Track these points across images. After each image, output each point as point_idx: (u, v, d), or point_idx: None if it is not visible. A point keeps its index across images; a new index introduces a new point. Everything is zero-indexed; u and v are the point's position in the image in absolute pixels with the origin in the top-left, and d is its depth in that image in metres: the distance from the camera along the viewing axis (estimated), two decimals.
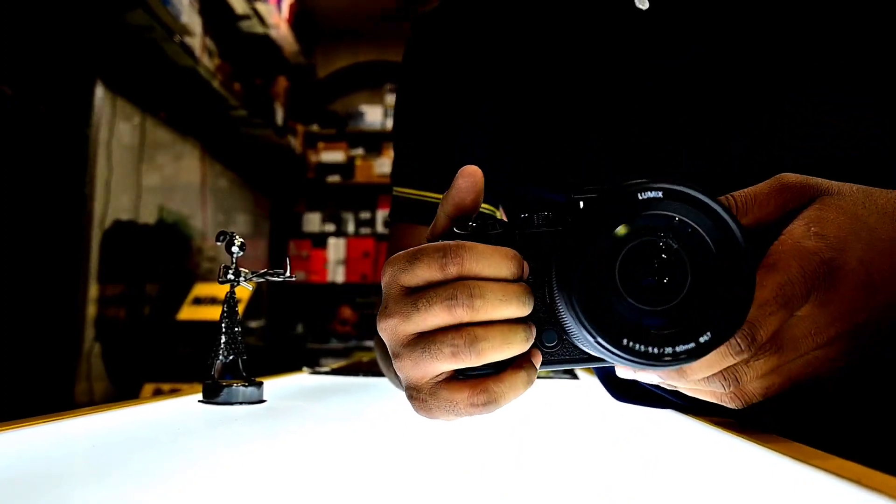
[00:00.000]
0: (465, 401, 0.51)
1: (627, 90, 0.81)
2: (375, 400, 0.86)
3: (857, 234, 0.50)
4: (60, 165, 2.56)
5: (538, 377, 0.58)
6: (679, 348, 0.44)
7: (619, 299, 0.45)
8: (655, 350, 0.44)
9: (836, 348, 0.51)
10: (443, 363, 0.50)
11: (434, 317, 0.49)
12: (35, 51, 2.38)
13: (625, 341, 0.45)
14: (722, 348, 0.48)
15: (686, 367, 0.50)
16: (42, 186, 2.44)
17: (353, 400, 0.88)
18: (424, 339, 0.50)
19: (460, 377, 0.52)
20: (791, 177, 0.53)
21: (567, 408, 0.81)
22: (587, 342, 0.46)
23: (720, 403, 0.54)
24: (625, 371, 0.54)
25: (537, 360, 0.52)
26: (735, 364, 0.50)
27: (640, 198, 0.45)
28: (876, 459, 0.48)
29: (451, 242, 0.51)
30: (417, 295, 0.50)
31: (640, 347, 0.45)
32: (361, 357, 3.79)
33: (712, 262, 0.45)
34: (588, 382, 1.13)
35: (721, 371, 0.51)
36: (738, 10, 0.79)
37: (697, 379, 0.51)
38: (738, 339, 0.48)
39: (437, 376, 0.52)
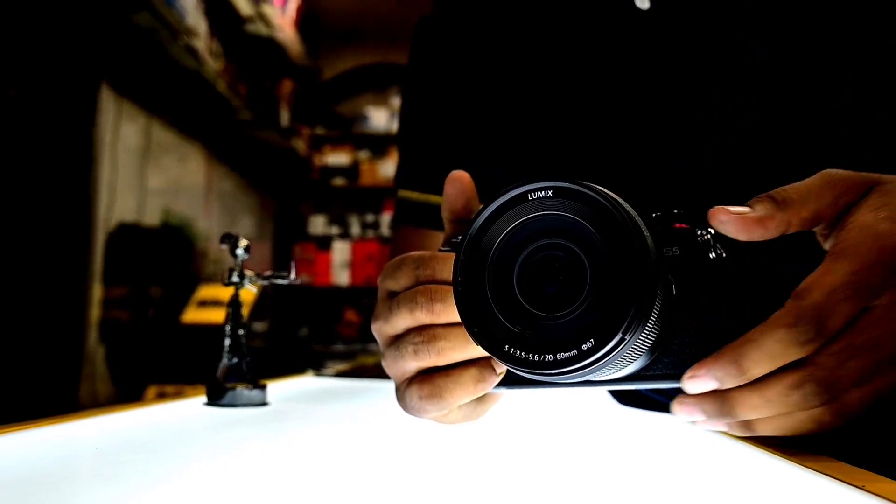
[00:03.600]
0: (416, 393, 0.53)
1: (628, 90, 0.81)
2: (379, 403, 0.86)
3: None
4: (65, 167, 2.57)
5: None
6: (560, 355, 0.42)
7: (511, 305, 0.44)
8: (535, 357, 0.42)
9: None
10: (408, 362, 0.53)
11: (401, 319, 0.53)
12: (40, 53, 2.38)
13: (506, 347, 0.43)
14: (784, 335, 0.43)
15: (743, 358, 0.44)
16: (47, 188, 2.45)
17: (358, 403, 0.88)
18: (397, 341, 0.54)
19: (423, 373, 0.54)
20: (837, 171, 0.50)
21: (571, 412, 0.81)
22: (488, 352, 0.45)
23: (820, 428, 0.47)
24: (685, 412, 0.48)
25: (498, 364, 0.52)
26: (824, 366, 0.45)
27: (530, 198, 0.44)
28: (881, 464, 0.47)
29: (427, 253, 0.54)
30: (393, 299, 0.54)
31: (520, 354, 0.43)
32: (366, 360, 3.79)
33: (607, 264, 0.42)
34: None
35: (812, 376, 0.45)
36: (740, 9, 0.78)
37: (759, 373, 0.44)
38: (805, 326, 0.43)
39: (409, 375, 0.54)
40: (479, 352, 0.50)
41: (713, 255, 0.48)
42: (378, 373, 0.60)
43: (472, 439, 0.58)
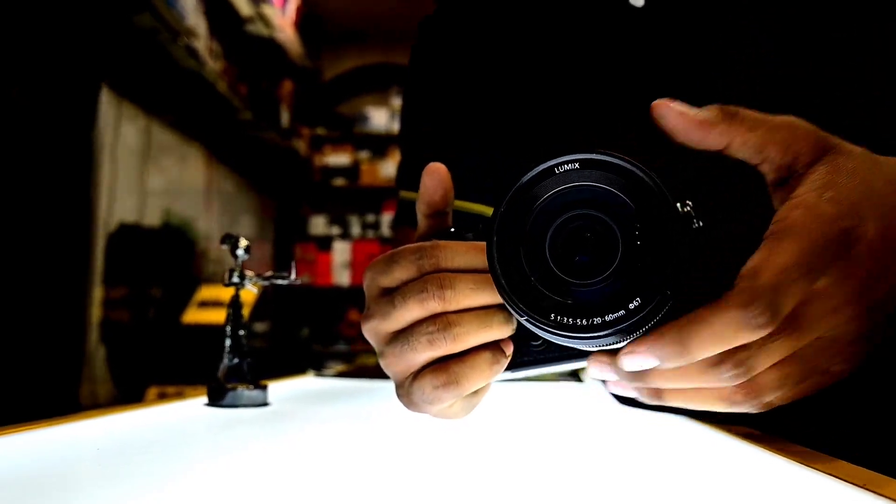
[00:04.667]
0: (429, 384, 0.51)
1: (623, 88, 0.81)
2: (380, 404, 0.86)
3: (871, 201, 0.46)
4: (65, 168, 2.56)
5: (542, 380, 0.58)
6: (609, 317, 0.42)
7: (547, 276, 0.44)
8: (584, 321, 0.43)
9: (852, 329, 0.46)
10: (422, 353, 0.51)
11: (409, 312, 0.51)
12: (41, 53, 2.38)
13: (553, 316, 0.43)
14: (737, 317, 0.41)
15: (691, 338, 0.43)
16: (47, 189, 2.45)
17: (358, 403, 0.88)
18: (404, 334, 0.51)
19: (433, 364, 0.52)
20: (802, 123, 0.49)
21: (570, 411, 0.81)
22: (530, 325, 0.45)
23: (732, 408, 0.49)
24: (599, 370, 0.49)
25: (508, 347, 0.52)
26: (745, 347, 0.44)
27: (557, 171, 0.44)
28: (882, 463, 0.47)
29: (427, 242, 0.53)
30: (394, 294, 0.52)
31: (568, 321, 0.43)
32: (367, 360, 3.79)
33: (639, 228, 0.43)
34: (592, 385, 1.13)
35: (731, 356, 0.44)
36: (738, 7, 0.78)
37: (704, 356, 0.43)
38: (759, 309, 0.41)
39: (415, 369, 0.53)
40: (494, 334, 0.50)
41: (695, 226, 0.48)
42: (379, 373, 0.60)
43: (472, 438, 0.58)
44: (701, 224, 0.47)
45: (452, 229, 0.56)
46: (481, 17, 0.92)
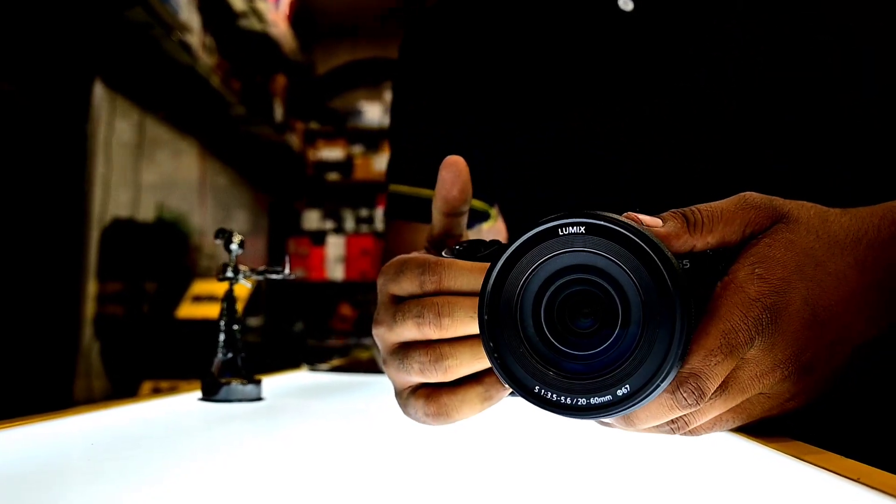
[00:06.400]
0: (421, 410, 0.52)
1: (611, 92, 0.82)
2: (374, 398, 0.86)
3: (803, 272, 0.48)
4: (59, 162, 2.56)
5: None
6: (594, 400, 0.41)
7: (538, 344, 0.43)
8: (568, 400, 0.42)
9: (786, 388, 0.49)
10: (413, 377, 0.52)
11: (407, 331, 0.51)
12: (34, 48, 2.37)
13: (537, 388, 0.43)
14: (668, 401, 0.44)
15: (632, 416, 0.46)
16: (41, 183, 2.44)
17: (352, 398, 0.88)
18: (402, 351, 0.52)
19: (428, 386, 0.52)
20: (755, 196, 0.51)
21: None
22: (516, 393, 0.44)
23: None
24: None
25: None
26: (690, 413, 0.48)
27: (560, 234, 0.42)
28: (875, 457, 0.48)
29: (432, 258, 0.52)
30: (397, 307, 0.52)
31: (552, 396, 0.42)
32: (360, 354, 3.79)
33: (639, 306, 0.41)
34: None
35: (671, 422, 0.48)
36: (724, 11, 0.79)
37: (646, 427, 0.47)
38: (686, 393, 0.44)
39: (412, 385, 0.53)
40: (486, 364, 0.50)
41: (682, 264, 0.47)
42: (372, 367, 0.60)
43: (469, 436, 0.58)
44: (686, 264, 0.47)
45: (461, 247, 0.54)
46: (475, 18, 0.92)
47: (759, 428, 0.55)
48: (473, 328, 0.49)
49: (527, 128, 0.86)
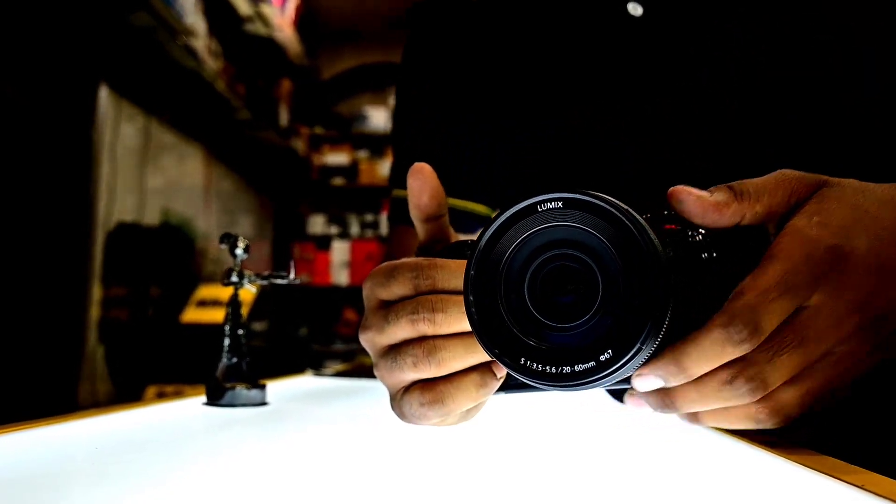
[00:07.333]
0: (416, 400, 0.52)
1: (613, 91, 0.82)
2: (378, 403, 0.85)
3: (861, 223, 0.49)
4: (64, 167, 2.56)
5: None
6: (578, 367, 0.42)
7: (523, 317, 0.44)
8: (553, 369, 0.42)
9: (861, 341, 0.48)
10: (407, 373, 0.52)
11: (401, 330, 0.51)
12: (39, 52, 2.38)
13: (522, 360, 0.43)
14: (720, 335, 0.44)
15: (683, 359, 0.45)
16: (46, 188, 2.45)
17: (357, 403, 0.88)
18: (394, 351, 0.52)
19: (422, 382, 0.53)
20: (791, 171, 0.52)
21: (569, 411, 0.81)
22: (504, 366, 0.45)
23: (758, 425, 0.50)
24: (633, 403, 0.53)
25: (499, 369, 0.52)
26: (755, 363, 0.46)
27: (539, 209, 0.43)
28: (881, 463, 0.48)
29: (424, 260, 0.52)
30: (389, 309, 0.52)
31: (537, 367, 0.43)
32: (365, 360, 3.78)
33: (619, 274, 0.42)
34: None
35: (743, 372, 0.46)
36: (733, 16, 0.79)
37: (699, 372, 0.46)
38: (738, 328, 0.44)
39: (406, 384, 0.53)
40: (479, 358, 0.50)
41: (705, 255, 0.48)
42: None
43: (470, 439, 0.58)
44: (714, 254, 0.48)
45: (453, 242, 0.55)
46: (478, 23, 0.92)
47: (764, 435, 0.55)
48: (467, 325, 0.49)
49: (528, 126, 0.86)
